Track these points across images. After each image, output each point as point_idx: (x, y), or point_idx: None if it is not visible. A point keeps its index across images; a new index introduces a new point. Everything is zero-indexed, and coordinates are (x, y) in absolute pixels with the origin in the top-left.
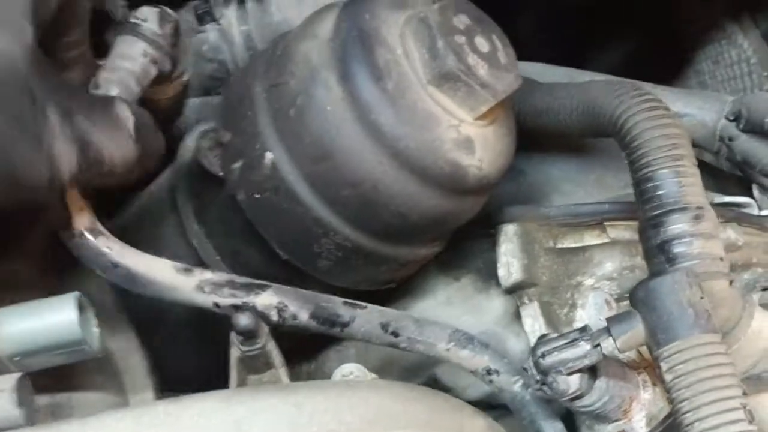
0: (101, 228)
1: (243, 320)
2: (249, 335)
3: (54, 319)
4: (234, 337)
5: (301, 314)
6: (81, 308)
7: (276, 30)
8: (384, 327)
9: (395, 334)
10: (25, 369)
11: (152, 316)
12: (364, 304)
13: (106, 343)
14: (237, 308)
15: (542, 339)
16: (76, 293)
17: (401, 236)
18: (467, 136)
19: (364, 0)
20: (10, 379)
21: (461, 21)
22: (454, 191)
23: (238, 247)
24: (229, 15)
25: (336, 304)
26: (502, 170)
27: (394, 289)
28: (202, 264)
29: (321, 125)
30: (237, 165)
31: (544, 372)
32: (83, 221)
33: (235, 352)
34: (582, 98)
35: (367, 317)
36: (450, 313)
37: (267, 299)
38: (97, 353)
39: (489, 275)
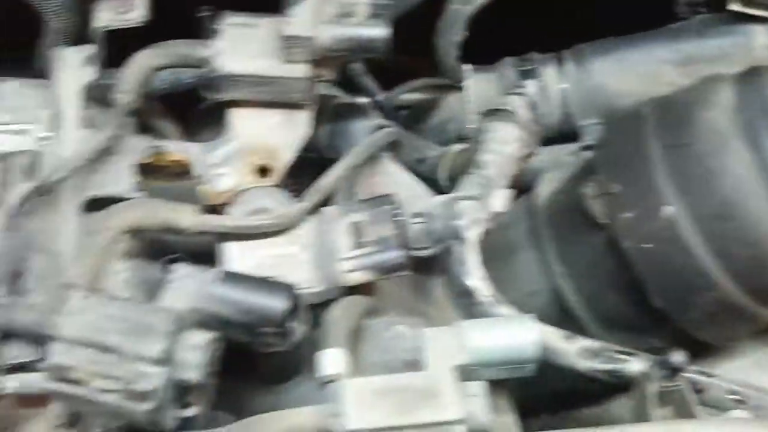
0: None
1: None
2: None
3: (518, 337)
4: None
5: None
6: None
7: (593, 92)
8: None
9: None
10: (475, 380)
11: None
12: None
13: None
14: (611, 374)
15: None
16: (533, 315)
17: None
18: None
19: (764, 74)
20: (482, 386)
21: None
22: None
23: (603, 290)
24: (548, 73)
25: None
26: None
27: (704, 348)
28: (561, 303)
29: (729, 188)
30: (627, 215)
31: None
32: None
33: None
34: None
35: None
36: (759, 375)
37: (636, 366)
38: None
39: None
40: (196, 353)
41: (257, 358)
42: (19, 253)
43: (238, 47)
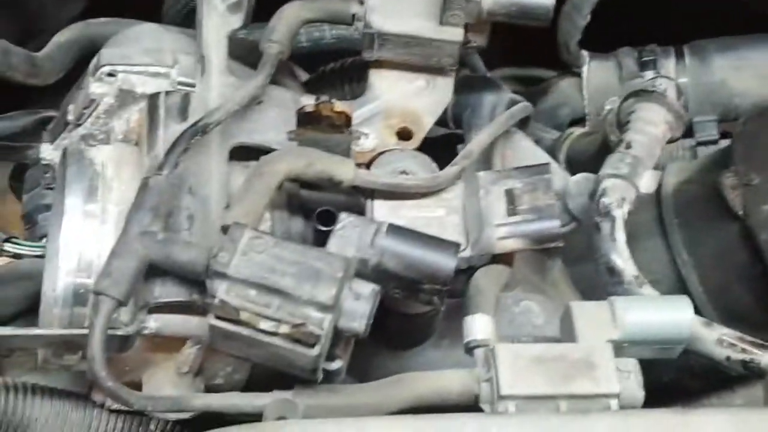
0: None
1: None
2: None
3: (673, 316)
4: None
5: None
6: None
7: (711, 89)
8: None
9: None
10: (626, 356)
11: None
12: None
13: None
14: (745, 364)
15: None
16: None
17: None
18: None
19: None
20: (635, 363)
21: None
22: None
23: (730, 282)
24: (668, 65)
25: None
26: None
27: None
28: (684, 292)
29: None
30: (766, 207)
31: None
32: None
33: None
34: None
35: None
36: None
37: None
38: None
39: None
40: (361, 303)
41: (390, 319)
42: (173, 191)
43: (392, 5)
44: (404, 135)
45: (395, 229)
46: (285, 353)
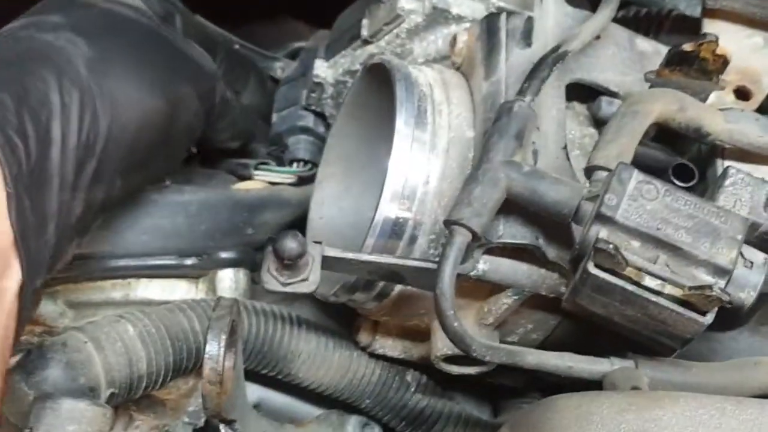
0: None
1: None
2: None
3: None
4: None
5: None
6: None
7: None
8: None
9: None
10: None
11: None
12: None
13: None
14: None
15: None
16: None
17: None
18: None
19: None
20: None
21: None
22: None
23: None
24: None
25: None
26: None
27: None
28: None
29: None
30: None
31: None
32: None
33: None
34: None
35: None
36: None
37: None
38: None
39: None
40: (753, 272)
41: None
42: (534, 121)
43: None
44: (742, 94)
45: None
46: (668, 317)
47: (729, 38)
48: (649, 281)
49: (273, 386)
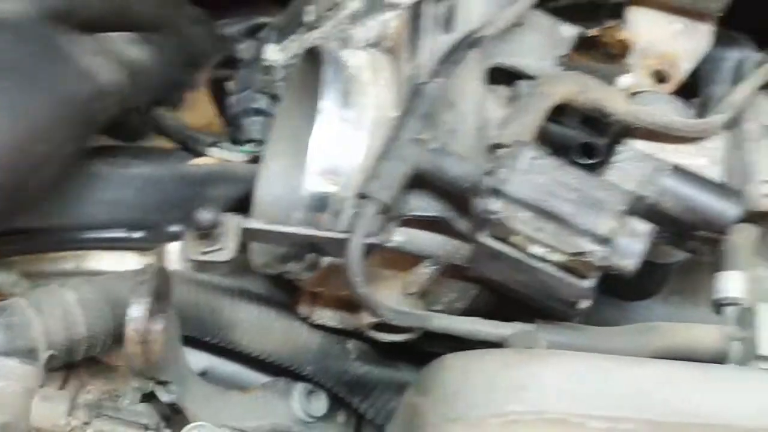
0: None
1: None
2: None
3: None
4: None
5: None
6: None
7: None
8: None
9: None
10: None
11: None
12: None
13: None
14: None
15: None
16: None
17: None
18: None
19: None
20: None
21: None
22: None
23: None
24: None
25: None
26: None
27: None
28: None
29: None
30: None
31: None
32: None
33: None
34: None
35: None
36: None
37: None
38: None
39: None
40: (635, 242)
41: None
42: (444, 102)
43: None
44: (660, 77)
45: (679, 171)
46: (552, 282)
47: (651, 24)
48: (536, 249)
49: (222, 355)
